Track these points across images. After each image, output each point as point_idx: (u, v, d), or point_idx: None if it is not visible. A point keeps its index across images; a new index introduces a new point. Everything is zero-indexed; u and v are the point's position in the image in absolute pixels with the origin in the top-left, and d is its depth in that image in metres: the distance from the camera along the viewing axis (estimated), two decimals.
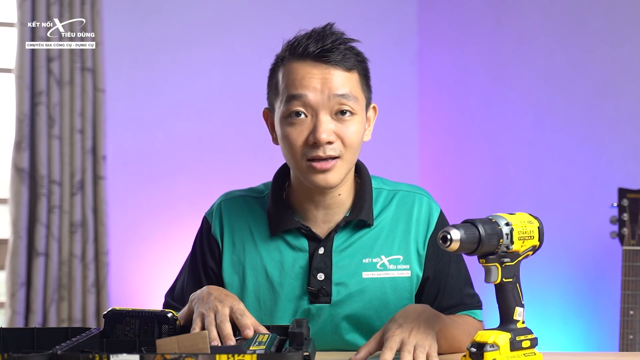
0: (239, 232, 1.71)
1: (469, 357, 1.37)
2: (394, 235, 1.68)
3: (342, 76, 1.58)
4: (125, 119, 3.79)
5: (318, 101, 1.57)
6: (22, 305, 3.52)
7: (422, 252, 1.68)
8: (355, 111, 1.60)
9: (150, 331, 1.43)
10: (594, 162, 3.25)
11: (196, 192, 3.77)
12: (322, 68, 1.58)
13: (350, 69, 1.60)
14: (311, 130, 1.57)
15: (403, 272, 1.66)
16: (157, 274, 3.72)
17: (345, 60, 1.59)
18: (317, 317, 1.65)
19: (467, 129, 3.93)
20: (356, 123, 1.60)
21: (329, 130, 1.57)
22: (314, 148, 1.57)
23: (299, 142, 1.58)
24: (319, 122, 1.57)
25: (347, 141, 1.58)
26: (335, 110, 1.58)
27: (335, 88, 1.57)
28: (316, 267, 1.64)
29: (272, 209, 1.69)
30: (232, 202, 1.75)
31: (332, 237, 1.66)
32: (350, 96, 1.58)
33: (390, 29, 4.09)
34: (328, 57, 1.58)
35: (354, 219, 1.66)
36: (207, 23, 3.91)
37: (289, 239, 1.67)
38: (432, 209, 1.72)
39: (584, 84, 3.32)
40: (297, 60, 1.59)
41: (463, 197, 3.90)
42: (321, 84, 1.57)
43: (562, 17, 3.44)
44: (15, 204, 3.52)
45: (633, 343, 2.65)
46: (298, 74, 1.58)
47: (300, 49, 1.59)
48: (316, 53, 1.57)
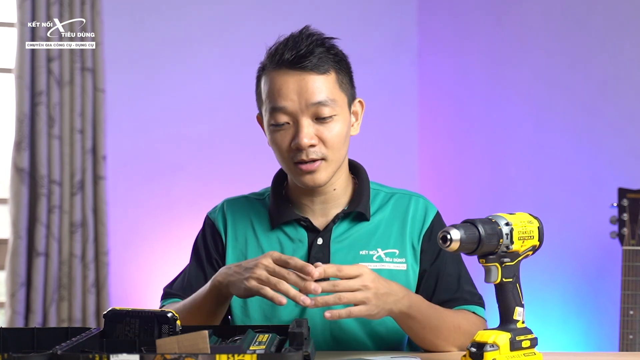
0: (241, 227, 1.76)
1: (469, 357, 1.37)
2: (390, 232, 1.73)
3: (317, 81, 1.63)
4: (125, 119, 3.78)
5: (297, 110, 1.63)
6: (22, 305, 3.52)
7: (417, 247, 1.73)
8: (334, 112, 1.65)
9: (150, 331, 1.43)
10: (594, 162, 3.25)
11: (196, 192, 3.77)
12: (297, 75, 1.63)
13: (326, 71, 1.64)
14: (293, 136, 1.64)
15: (399, 265, 1.71)
16: (157, 274, 3.72)
17: (320, 64, 1.64)
18: None
19: (467, 129, 3.93)
20: (337, 123, 1.66)
21: (310, 134, 1.63)
22: (298, 152, 1.64)
23: (284, 148, 1.66)
24: (299, 128, 1.63)
25: (328, 143, 1.65)
26: (314, 115, 1.64)
27: (311, 96, 1.63)
28: (314, 257, 1.69)
29: (272, 204, 1.76)
30: (235, 201, 1.82)
31: (331, 229, 1.71)
32: (327, 101, 1.64)
33: (390, 29, 4.09)
34: (302, 63, 1.63)
35: (352, 210, 1.72)
36: (207, 23, 3.91)
37: (288, 230, 1.73)
38: (428, 209, 1.76)
39: (584, 84, 3.32)
40: (275, 69, 1.65)
41: (463, 197, 3.90)
42: (297, 93, 1.63)
43: (562, 17, 3.44)
44: (15, 204, 3.52)
45: (633, 343, 2.65)
46: (276, 85, 1.64)
47: (277, 57, 1.65)
48: (291, 60, 1.63)
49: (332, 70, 1.65)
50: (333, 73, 1.65)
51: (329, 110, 1.63)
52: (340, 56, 1.69)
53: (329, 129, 1.64)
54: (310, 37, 1.65)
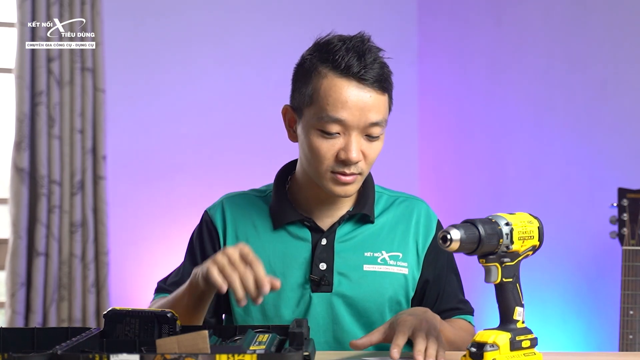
0: (242, 227, 1.74)
1: (469, 357, 1.37)
2: (394, 234, 1.73)
3: (377, 100, 1.61)
4: (125, 119, 3.79)
5: (354, 125, 1.60)
6: (22, 305, 3.52)
7: (421, 254, 1.74)
8: (382, 132, 1.65)
9: (150, 331, 1.43)
10: (594, 162, 3.25)
11: (196, 192, 3.77)
12: (362, 89, 1.60)
13: (385, 91, 1.63)
14: (342, 147, 1.61)
15: (401, 268, 1.71)
16: (157, 274, 3.70)
17: (380, 82, 1.61)
18: (318, 305, 1.68)
19: (467, 129, 3.93)
20: (380, 142, 1.66)
21: (359, 150, 1.62)
22: (341, 164, 1.62)
23: (328, 156, 1.62)
24: (351, 142, 1.61)
25: (369, 159, 1.65)
26: (365, 132, 1.62)
27: (371, 115, 1.60)
28: (318, 257, 1.68)
29: (275, 203, 1.73)
30: (235, 198, 1.79)
31: (335, 229, 1.71)
32: (382, 122, 1.63)
33: (390, 29, 4.09)
34: (368, 79, 1.60)
35: (357, 212, 1.72)
36: (207, 23, 3.91)
37: (292, 230, 1.72)
38: (430, 216, 1.78)
39: (584, 84, 3.32)
40: (339, 77, 1.60)
41: (463, 197, 3.90)
42: (359, 110, 1.60)
43: (562, 17, 3.44)
44: (15, 204, 3.52)
45: (633, 343, 2.65)
46: (341, 95, 1.60)
47: (343, 65, 1.60)
48: (359, 74, 1.59)
49: (388, 90, 1.65)
50: (387, 94, 1.65)
51: (379, 131, 1.63)
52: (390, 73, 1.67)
53: (373, 147, 1.64)
54: (371, 49, 1.63)
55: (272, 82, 3.78)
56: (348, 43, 1.63)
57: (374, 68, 1.61)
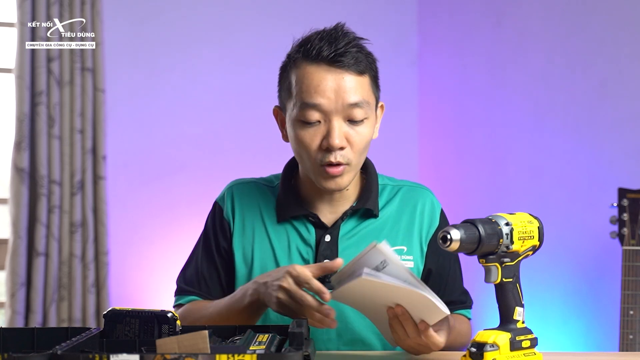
0: (249, 216, 1.75)
1: (469, 357, 1.37)
2: (398, 227, 1.73)
3: (355, 81, 1.60)
4: (125, 119, 3.79)
5: (332, 109, 1.59)
6: (22, 305, 3.52)
7: (424, 246, 1.73)
8: (366, 115, 1.63)
9: (150, 331, 1.43)
10: (594, 162, 3.25)
11: (196, 192, 3.77)
12: (335, 73, 1.59)
13: (362, 72, 1.62)
14: (324, 135, 1.61)
15: (407, 262, 1.70)
16: (157, 274, 3.72)
17: (357, 64, 1.60)
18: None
19: (467, 129, 3.93)
20: (367, 127, 1.64)
21: (342, 135, 1.60)
22: (326, 153, 1.61)
23: (312, 147, 1.62)
24: (332, 128, 1.60)
25: (356, 147, 1.62)
26: (347, 116, 1.61)
27: (348, 96, 1.59)
28: (322, 254, 1.68)
29: (281, 196, 1.74)
30: (243, 186, 1.80)
31: (339, 225, 1.71)
32: (362, 103, 1.61)
33: (390, 30, 4.09)
34: (341, 61, 1.59)
35: (361, 207, 1.71)
36: (207, 23, 3.91)
37: (296, 225, 1.72)
38: (434, 205, 1.77)
39: (584, 84, 3.31)
40: (311, 64, 1.61)
41: (463, 197, 3.90)
42: (335, 92, 1.59)
43: (562, 17, 3.44)
44: (15, 204, 3.52)
45: (633, 343, 2.65)
46: (313, 81, 1.59)
47: (314, 52, 1.60)
48: (330, 57, 1.59)
49: (367, 72, 1.63)
50: (368, 75, 1.63)
51: (362, 113, 1.61)
52: (373, 58, 1.66)
53: (359, 132, 1.62)
54: (346, 35, 1.62)
55: (272, 82, 3.74)
56: (322, 33, 1.63)
57: (348, 50, 1.60)
